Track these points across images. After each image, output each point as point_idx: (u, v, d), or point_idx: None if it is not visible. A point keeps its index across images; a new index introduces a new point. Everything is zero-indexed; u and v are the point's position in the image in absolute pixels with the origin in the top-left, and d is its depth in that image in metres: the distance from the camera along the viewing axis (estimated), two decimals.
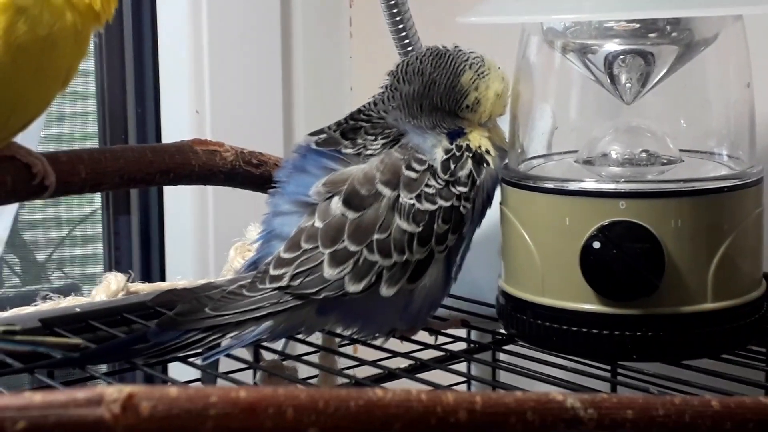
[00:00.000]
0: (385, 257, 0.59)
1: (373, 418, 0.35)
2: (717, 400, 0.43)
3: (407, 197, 0.60)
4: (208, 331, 0.59)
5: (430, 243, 0.60)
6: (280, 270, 0.60)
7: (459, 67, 0.62)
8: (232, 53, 1.05)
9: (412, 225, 0.60)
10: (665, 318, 0.57)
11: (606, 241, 0.56)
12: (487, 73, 0.62)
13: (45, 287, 1.11)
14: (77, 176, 0.66)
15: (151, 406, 0.31)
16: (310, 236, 0.60)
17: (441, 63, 0.63)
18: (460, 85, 0.62)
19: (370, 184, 0.60)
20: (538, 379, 0.58)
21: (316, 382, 0.71)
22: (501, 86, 0.63)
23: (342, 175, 0.61)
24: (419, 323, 0.65)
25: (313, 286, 0.59)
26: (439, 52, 0.63)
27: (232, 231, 0.83)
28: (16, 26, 0.55)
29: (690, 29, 0.61)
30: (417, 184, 0.60)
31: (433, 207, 0.60)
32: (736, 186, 0.59)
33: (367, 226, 0.59)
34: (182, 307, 0.59)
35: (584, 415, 0.40)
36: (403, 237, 0.59)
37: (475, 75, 0.62)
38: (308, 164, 0.63)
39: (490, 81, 0.62)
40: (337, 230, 0.59)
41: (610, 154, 0.63)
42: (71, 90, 1.10)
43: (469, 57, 0.63)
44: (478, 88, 0.62)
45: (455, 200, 0.61)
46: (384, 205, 0.60)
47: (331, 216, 0.60)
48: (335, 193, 0.60)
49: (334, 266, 0.59)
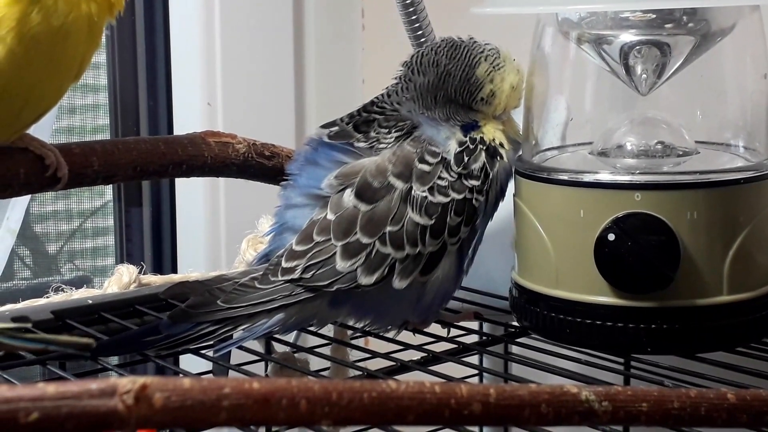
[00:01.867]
0: (397, 249, 0.59)
1: (386, 410, 0.35)
2: (733, 393, 0.43)
3: (420, 190, 0.60)
4: (220, 324, 0.59)
5: (443, 235, 0.60)
6: (292, 262, 0.59)
7: (474, 59, 0.62)
8: (244, 45, 1.05)
9: (424, 217, 0.59)
10: (680, 310, 0.57)
11: (621, 233, 0.56)
12: (502, 65, 0.62)
13: (56, 279, 1.11)
14: (90, 168, 0.65)
15: (165, 397, 0.31)
16: (322, 229, 0.60)
17: (456, 54, 0.62)
18: (475, 77, 0.62)
19: (383, 176, 0.60)
20: (552, 372, 0.58)
21: (328, 374, 0.71)
22: (516, 78, 0.62)
23: (354, 168, 0.61)
24: (431, 316, 0.65)
25: (325, 279, 0.59)
26: (455, 43, 0.63)
27: (244, 223, 0.83)
28: (30, 17, 0.55)
29: (706, 20, 0.60)
30: (430, 177, 0.60)
31: (445, 200, 0.60)
32: (752, 178, 0.58)
33: (379, 219, 0.59)
34: (194, 299, 0.59)
35: (599, 408, 0.39)
36: (416, 229, 0.59)
37: (490, 67, 0.62)
38: (320, 157, 0.63)
39: (505, 73, 0.62)
40: (349, 222, 0.59)
41: (625, 145, 0.63)
42: (83, 82, 1.10)
43: (484, 49, 0.62)
44: (494, 81, 0.62)
45: (468, 193, 0.60)
46: (396, 198, 0.59)
47: (343, 208, 0.60)
48: (347, 186, 0.60)
49: (347, 259, 0.59)
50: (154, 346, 0.59)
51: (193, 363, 0.66)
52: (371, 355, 0.64)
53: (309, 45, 1.09)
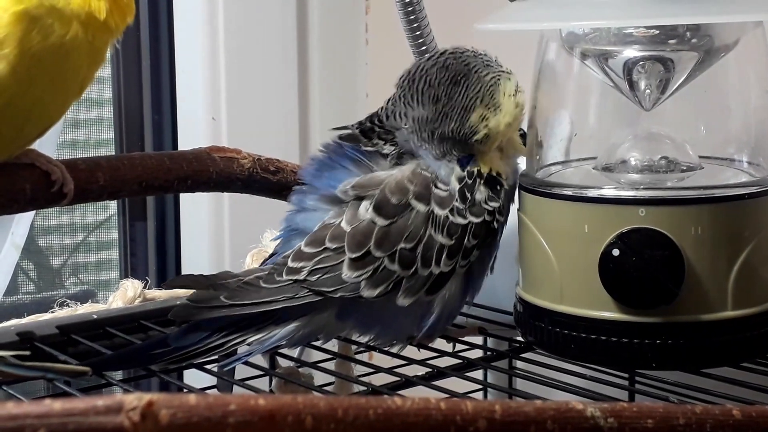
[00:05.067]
0: (404, 268, 0.59)
1: (391, 426, 0.35)
2: (738, 409, 0.43)
3: (441, 211, 0.60)
4: (228, 336, 0.59)
5: (457, 257, 0.60)
6: (299, 263, 0.59)
7: (470, 102, 0.61)
8: (248, 60, 1.05)
9: (446, 238, 0.60)
10: (685, 326, 0.57)
11: (625, 248, 0.56)
12: (498, 105, 0.61)
13: (61, 293, 1.11)
14: (96, 183, 0.66)
15: (171, 413, 0.31)
16: (335, 236, 0.60)
17: (454, 93, 0.61)
18: (470, 122, 0.61)
19: (402, 194, 0.60)
20: (556, 388, 0.58)
21: (332, 389, 0.71)
22: (513, 114, 0.61)
23: (372, 180, 0.61)
24: (437, 332, 0.65)
25: (329, 285, 0.59)
26: (454, 72, 0.61)
27: (248, 238, 0.83)
28: (31, 35, 0.56)
29: (710, 35, 0.60)
30: (448, 201, 0.60)
31: (464, 221, 0.60)
32: (756, 193, 0.58)
33: (395, 235, 0.59)
34: (197, 294, 0.59)
35: (604, 425, 0.39)
36: (433, 249, 0.59)
37: (486, 111, 0.61)
38: (336, 159, 0.63)
39: (501, 115, 0.61)
40: (363, 236, 0.59)
41: (629, 160, 0.63)
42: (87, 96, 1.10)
43: (482, 86, 0.61)
44: (489, 125, 0.61)
45: (487, 216, 0.61)
46: (414, 217, 0.60)
47: (359, 220, 0.60)
48: (365, 197, 0.60)
49: (354, 269, 0.59)
50: (162, 359, 0.59)
51: (197, 378, 0.66)
52: (375, 370, 0.64)
53: (313, 60, 1.10)
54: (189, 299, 0.59)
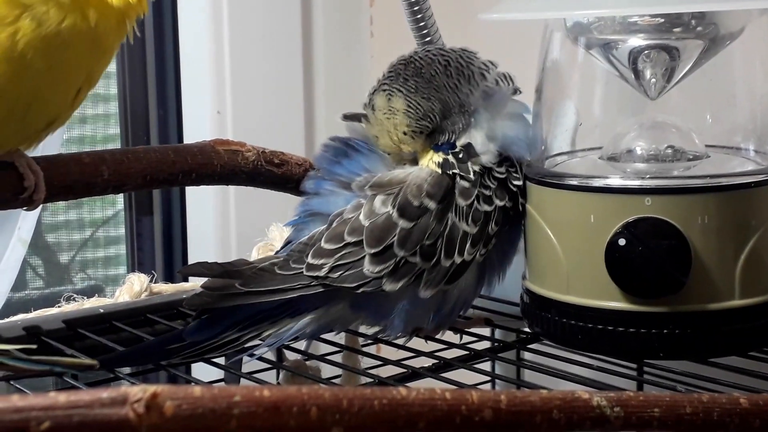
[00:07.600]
0: (426, 260, 0.59)
1: (397, 417, 0.35)
2: (745, 398, 0.42)
3: (463, 202, 0.60)
4: (243, 329, 0.58)
5: (479, 245, 0.60)
6: (320, 260, 0.59)
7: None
8: (253, 54, 1.05)
9: (470, 226, 0.60)
10: (692, 315, 0.56)
11: (632, 238, 0.56)
12: (370, 119, 0.63)
13: (68, 289, 1.11)
14: (100, 177, 0.66)
15: (176, 405, 0.31)
16: (353, 230, 0.59)
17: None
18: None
19: (423, 197, 0.60)
20: (563, 378, 0.58)
21: (340, 381, 0.71)
22: (378, 130, 0.63)
23: (392, 180, 0.61)
24: (447, 323, 0.65)
25: (351, 281, 0.59)
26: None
27: (254, 231, 0.83)
28: (23, 21, 0.55)
29: (715, 23, 0.60)
30: (471, 191, 0.61)
31: (489, 208, 0.60)
32: (763, 181, 0.58)
33: (417, 234, 0.59)
34: (211, 281, 0.59)
35: (611, 414, 0.39)
36: (456, 239, 0.59)
37: (369, 126, 0.64)
38: (350, 147, 0.64)
39: (370, 127, 0.63)
40: (382, 231, 0.59)
41: (635, 150, 0.63)
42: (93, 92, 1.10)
43: (370, 99, 0.64)
44: (378, 140, 0.63)
45: (507, 201, 0.61)
46: (435, 215, 0.60)
47: (377, 215, 0.59)
48: (381, 193, 0.60)
49: (375, 264, 0.59)
50: (178, 354, 0.59)
51: (205, 371, 0.66)
52: (383, 363, 0.64)
53: (318, 53, 1.09)
54: (203, 286, 0.59)
